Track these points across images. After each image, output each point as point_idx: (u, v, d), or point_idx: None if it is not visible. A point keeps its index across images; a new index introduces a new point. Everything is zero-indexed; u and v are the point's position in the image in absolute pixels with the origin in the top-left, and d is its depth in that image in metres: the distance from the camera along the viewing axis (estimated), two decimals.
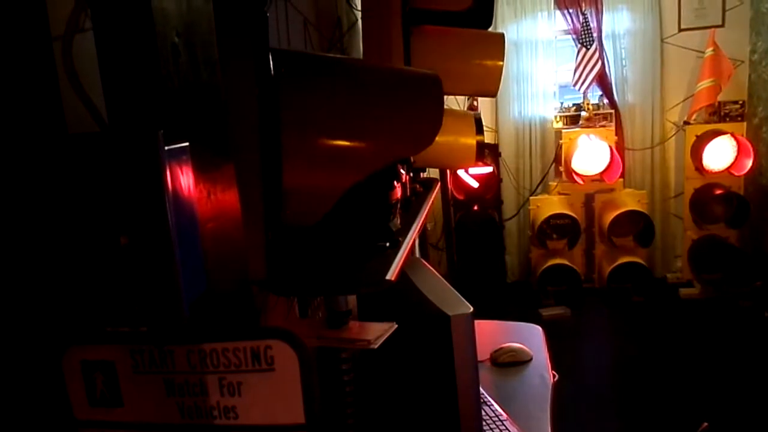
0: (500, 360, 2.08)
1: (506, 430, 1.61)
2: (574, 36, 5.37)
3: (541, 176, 5.72)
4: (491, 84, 2.16)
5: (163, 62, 0.48)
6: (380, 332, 1.00)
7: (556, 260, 5.20)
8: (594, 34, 5.24)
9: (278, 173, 0.65)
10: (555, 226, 5.27)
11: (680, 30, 5.44)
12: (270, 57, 0.65)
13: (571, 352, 4.28)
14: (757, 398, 3.52)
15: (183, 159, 0.51)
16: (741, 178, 5.15)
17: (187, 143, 0.51)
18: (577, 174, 5.16)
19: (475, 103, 5.11)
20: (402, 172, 1.20)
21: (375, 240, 1.10)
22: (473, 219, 5.37)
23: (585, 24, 5.20)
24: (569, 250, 5.31)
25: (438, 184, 2.31)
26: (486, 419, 1.65)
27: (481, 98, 5.14)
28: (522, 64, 5.59)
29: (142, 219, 0.46)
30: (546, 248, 5.33)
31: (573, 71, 5.29)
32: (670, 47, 5.47)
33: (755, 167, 5.00)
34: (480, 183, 5.25)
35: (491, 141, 5.64)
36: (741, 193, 5.11)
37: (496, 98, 5.66)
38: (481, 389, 1.82)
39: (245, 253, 0.61)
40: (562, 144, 5.39)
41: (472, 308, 1.28)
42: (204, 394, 0.57)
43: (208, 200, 0.53)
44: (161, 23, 0.48)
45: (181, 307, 0.47)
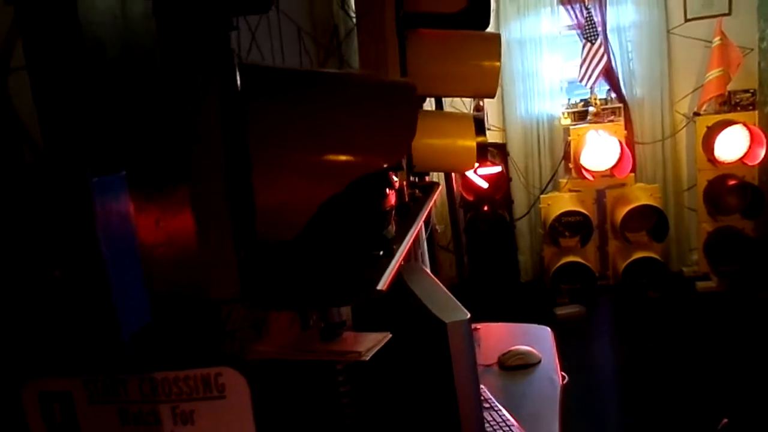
0: (508, 363, 2.06)
1: None
2: (579, 31, 5.33)
3: (551, 174, 5.68)
4: (489, 85, 2.14)
5: (99, 92, 0.48)
6: (372, 343, 0.99)
7: (570, 258, 5.15)
8: (599, 28, 5.20)
9: (248, 191, 0.65)
10: (567, 224, 5.21)
11: (686, 20, 5.37)
12: (236, 73, 0.65)
13: (587, 351, 4.24)
14: None
15: (118, 189, 0.50)
16: (755, 168, 5.06)
17: (124, 172, 0.51)
18: (587, 170, 5.11)
19: (482, 104, 5.08)
20: (395, 179, 1.19)
21: (368, 249, 1.09)
22: (484, 220, 5.34)
23: (589, 18, 5.16)
24: (582, 248, 5.24)
25: (439, 188, 2.29)
26: (493, 425, 1.63)
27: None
28: (527, 62, 5.55)
29: (73, 252, 0.46)
30: (558, 246, 5.28)
31: (579, 66, 5.24)
32: (677, 38, 5.40)
33: None
34: (489, 183, 5.22)
35: (499, 140, 5.61)
36: (755, 183, 5.03)
37: (503, 97, 5.64)
38: (489, 393, 1.80)
39: (205, 275, 0.61)
40: (571, 140, 5.33)
41: (470, 314, 1.26)
42: (157, 423, 0.56)
43: (157, 227, 0.53)
44: (97, 49, 0.47)
45: (120, 338, 0.47)
